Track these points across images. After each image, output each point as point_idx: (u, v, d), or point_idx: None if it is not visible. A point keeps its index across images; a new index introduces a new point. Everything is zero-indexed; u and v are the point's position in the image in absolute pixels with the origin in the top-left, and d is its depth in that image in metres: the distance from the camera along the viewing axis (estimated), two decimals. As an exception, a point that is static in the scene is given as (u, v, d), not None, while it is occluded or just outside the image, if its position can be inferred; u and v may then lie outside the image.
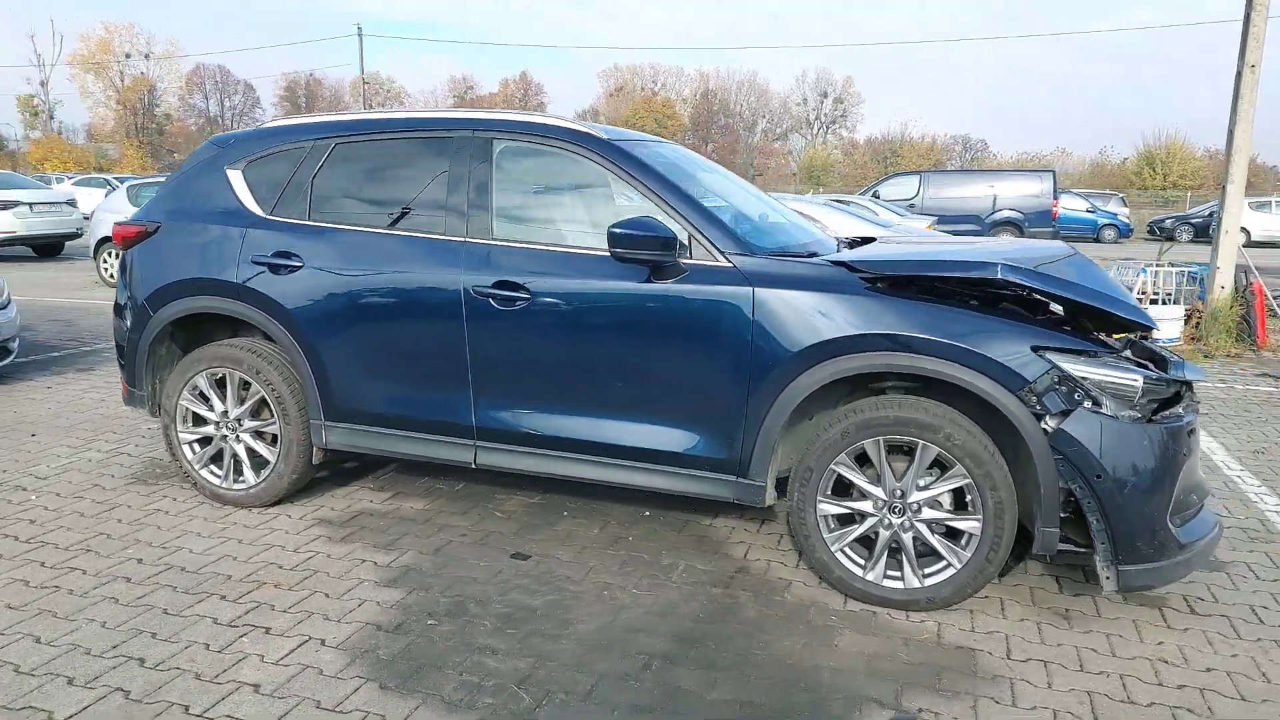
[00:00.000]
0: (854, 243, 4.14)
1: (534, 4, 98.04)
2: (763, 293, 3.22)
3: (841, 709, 2.61)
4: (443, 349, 3.60)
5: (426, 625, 3.03)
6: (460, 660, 2.81)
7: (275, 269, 3.78)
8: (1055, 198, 21.23)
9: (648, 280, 3.31)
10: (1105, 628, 3.13)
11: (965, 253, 3.33)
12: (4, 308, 6.29)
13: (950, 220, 20.77)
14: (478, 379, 3.59)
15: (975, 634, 3.07)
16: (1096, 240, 27.92)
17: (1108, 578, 3.00)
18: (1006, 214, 20.87)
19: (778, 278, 3.24)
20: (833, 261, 3.25)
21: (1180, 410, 3.10)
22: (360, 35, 40.92)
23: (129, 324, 4.10)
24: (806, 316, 3.18)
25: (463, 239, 3.58)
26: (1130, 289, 9.42)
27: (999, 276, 3.03)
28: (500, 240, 3.55)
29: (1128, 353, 3.22)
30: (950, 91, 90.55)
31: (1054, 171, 22.40)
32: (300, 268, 3.74)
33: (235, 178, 3.97)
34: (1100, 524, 2.98)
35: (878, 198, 20.75)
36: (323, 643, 2.90)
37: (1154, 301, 9.19)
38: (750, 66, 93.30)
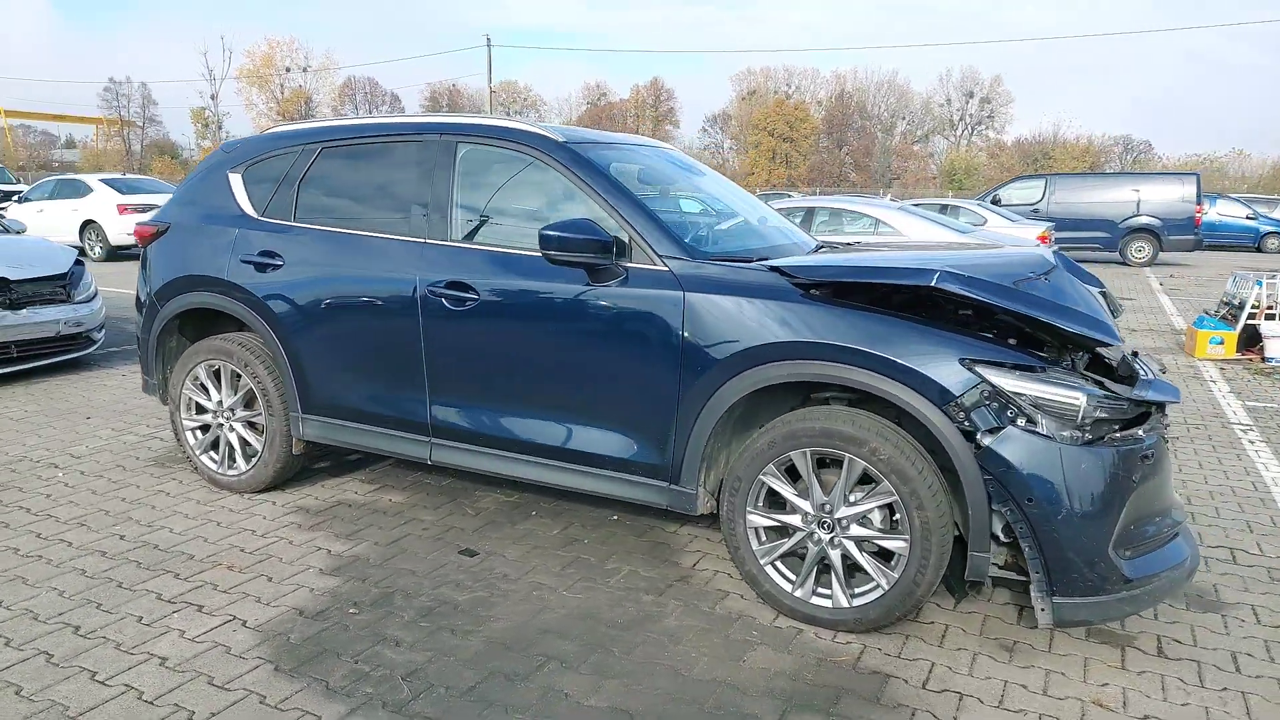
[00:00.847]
0: (835, 249, 3.99)
1: (672, 11, 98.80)
2: (694, 297, 3.16)
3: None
4: (402, 347, 3.69)
5: (347, 613, 3.12)
6: (361, 649, 2.88)
7: (260, 267, 3.98)
8: (1199, 203, 19.67)
9: (587, 283, 3.30)
10: (1050, 664, 2.90)
11: (911, 259, 3.16)
12: (90, 300, 6.86)
13: (1078, 227, 19.64)
14: (432, 377, 3.66)
15: (899, 660, 2.91)
16: (1258, 250, 25.48)
17: (1042, 609, 2.78)
18: (1144, 220, 19.50)
19: (710, 282, 3.16)
20: (770, 267, 3.15)
21: (1140, 433, 2.84)
22: (489, 46, 42.24)
23: (143, 317, 4.41)
24: (735, 323, 3.09)
25: (424, 240, 3.67)
26: (1242, 304, 8.65)
27: (932, 284, 2.87)
28: (456, 242, 3.62)
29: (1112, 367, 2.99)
30: (1110, 90, 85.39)
31: (1197, 175, 20.71)
32: (281, 266, 3.93)
33: (235, 181, 4.21)
34: (1033, 551, 2.76)
35: (998, 203, 19.83)
36: (244, 623, 3.03)
37: (1269, 317, 8.41)
38: (891, 66, 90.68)
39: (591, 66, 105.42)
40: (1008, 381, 2.76)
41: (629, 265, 3.27)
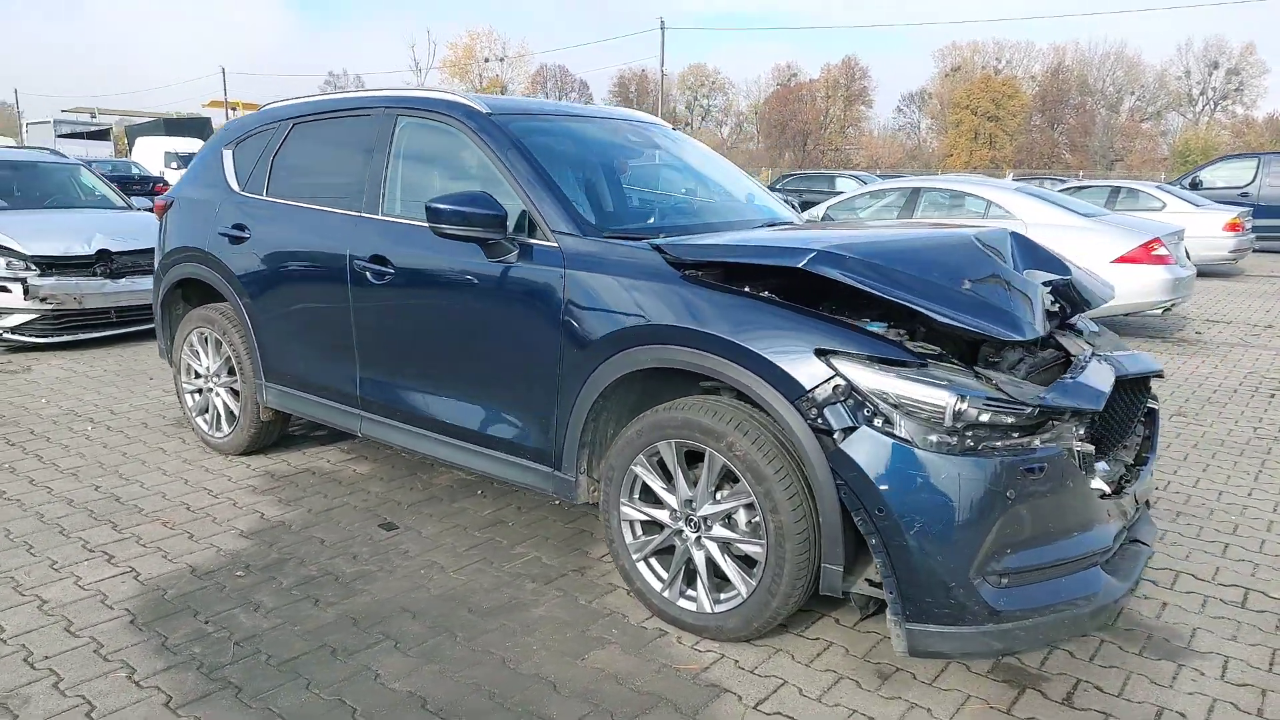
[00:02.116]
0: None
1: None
2: (576, 275, 3.00)
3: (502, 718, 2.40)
4: (338, 320, 3.75)
5: (233, 576, 3.21)
6: (220, 610, 2.95)
7: (233, 240, 4.15)
8: None
9: (483, 259, 3.22)
10: (921, 698, 2.56)
11: (802, 239, 2.86)
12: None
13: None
14: (360, 350, 3.70)
15: (749, 674, 2.66)
16: None
17: (897, 636, 2.45)
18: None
19: (593, 260, 3.00)
20: (653, 246, 2.94)
21: (1036, 442, 2.44)
22: (662, 28, 42.43)
23: (154, 285, 4.73)
24: (611, 303, 2.92)
25: (359, 214, 3.70)
26: None
27: (800, 265, 2.59)
28: (385, 215, 3.63)
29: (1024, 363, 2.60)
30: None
31: None
32: (247, 239, 4.09)
33: (227, 157, 4.42)
34: (886, 569, 2.44)
35: (1197, 186, 17.82)
36: (137, 576, 3.19)
37: None
38: (1119, 36, 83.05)
39: (788, 47, 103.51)
40: (866, 376, 2.44)
41: (523, 241, 3.15)
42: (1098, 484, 2.71)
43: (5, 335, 6.67)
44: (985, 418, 2.39)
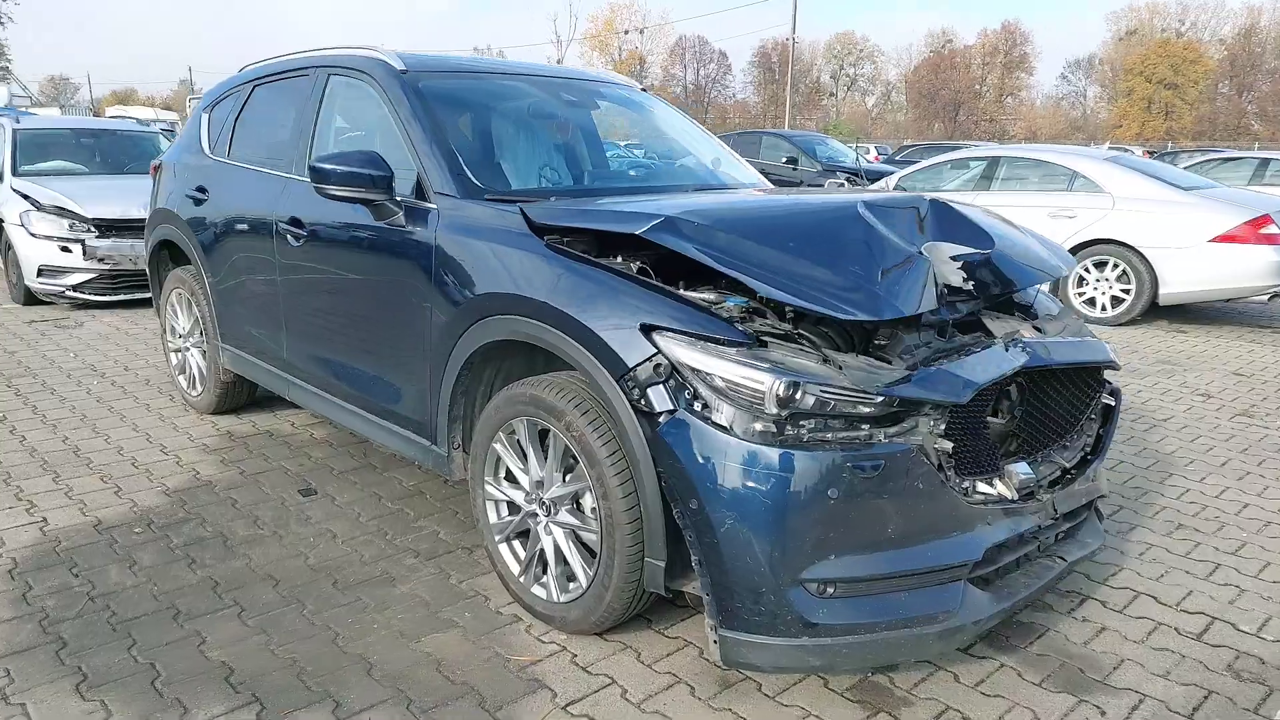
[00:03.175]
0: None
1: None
2: (447, 238, 2.86)
3: (284, 698, 2.31)
4: (268, 282, 3.74)
5: (131, 532, 3.25)
6: (95, 565, 2.99)
7: (196, 202, 4.21)
8: None
9: (372, 221, 3.12)
10: (750, 712, 2.32)
11: (668, 205, 2.61)
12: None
13: None
14: (285, 314, 3.68)
15: (577, 670, 2.47)
16: None
17: (713, 643, 2.21)
18: None
19: (464, 223, 2.84)
20: (521, 210, 2.75)
21: (880, 437, 2.14)
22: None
23: (145, 246, 4.87)
24: (475, 269, 2.76)
25: (288, 175, 3.66)
26: None
27: (638, 232, 2.36)
28: (303, 176, 3.57)
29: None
30: None
31: None
32: (206, 200, 4.13)
33: (204, 121, 4.48)
34: (701, 569, 2.20)
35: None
36: (44, 525, 3.28)
37: None
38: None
39: (941, 13, 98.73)
40: (689, 355, 2.20)
41: (409, 203, 3.02)
42: (993, 488, 2.38)
43: (67, 293, 7.09)
44: (812, 404, 2.10)
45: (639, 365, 2.24)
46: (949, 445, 2.20)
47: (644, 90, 4.20)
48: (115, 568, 2.99)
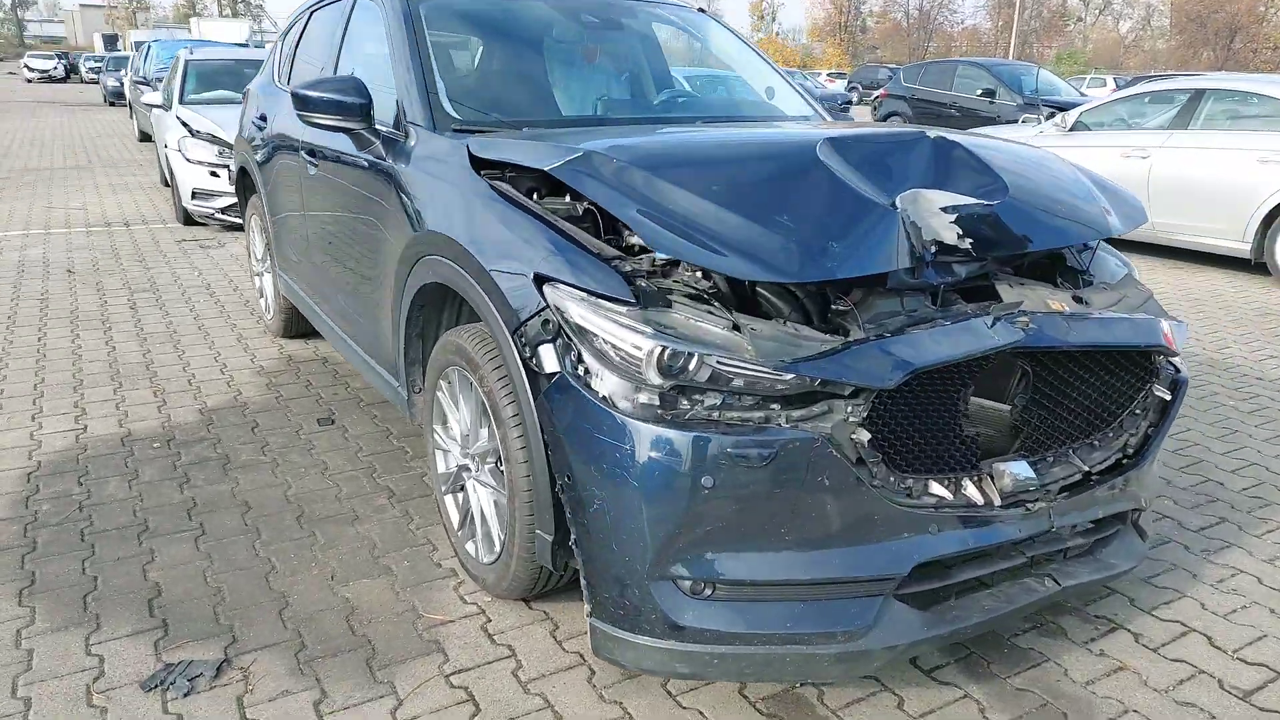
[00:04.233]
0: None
1: None
2: (407, 171, 2.71)
3: (187, 627, 2.32)
4: (298, 210, 3.77)
5: (150, 446, 3.41)
6: (102, 475, 3.15)
7: (259, 128, 4.30)
8: None
9: (354, 151, 3.03)
10: (638, 708, 2.09)
11: (603, 142, 2.32)
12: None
13: None
14: (308, 239, 3.69)
15: (482, 638, 2.33)
16: None
17: (588, 631, 2.00)
18: None
19: (425, 156, 2.68)
20: (468, 145, 2.54)
21: (780, 421, 1.82)
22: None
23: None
24: (425, 204, 2.60)
25: (319, 101, 3.63)
26: None
27: (547, 169, 2.12)
28: (329, 105, 3.52)
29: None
30: None
31: None
32: (264, 128, 4.21)
33: (278, 51, 4.55)
34: (577, 548, 1.98)
35: None
36: (81, 432, 3.50)
37: None
38: None
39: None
40: (578, 312, 1.94)
41: (386, 133, 2.89)
42: (960, 490, 2.00)
43: (216, 215, 7.61)
44: (708, 378, 1.81)
45: (529, 320, 2.01)
46: (866, 436, 1.83)
47: (700, 10, 3.83)
48: (116, 480, 3.13)
